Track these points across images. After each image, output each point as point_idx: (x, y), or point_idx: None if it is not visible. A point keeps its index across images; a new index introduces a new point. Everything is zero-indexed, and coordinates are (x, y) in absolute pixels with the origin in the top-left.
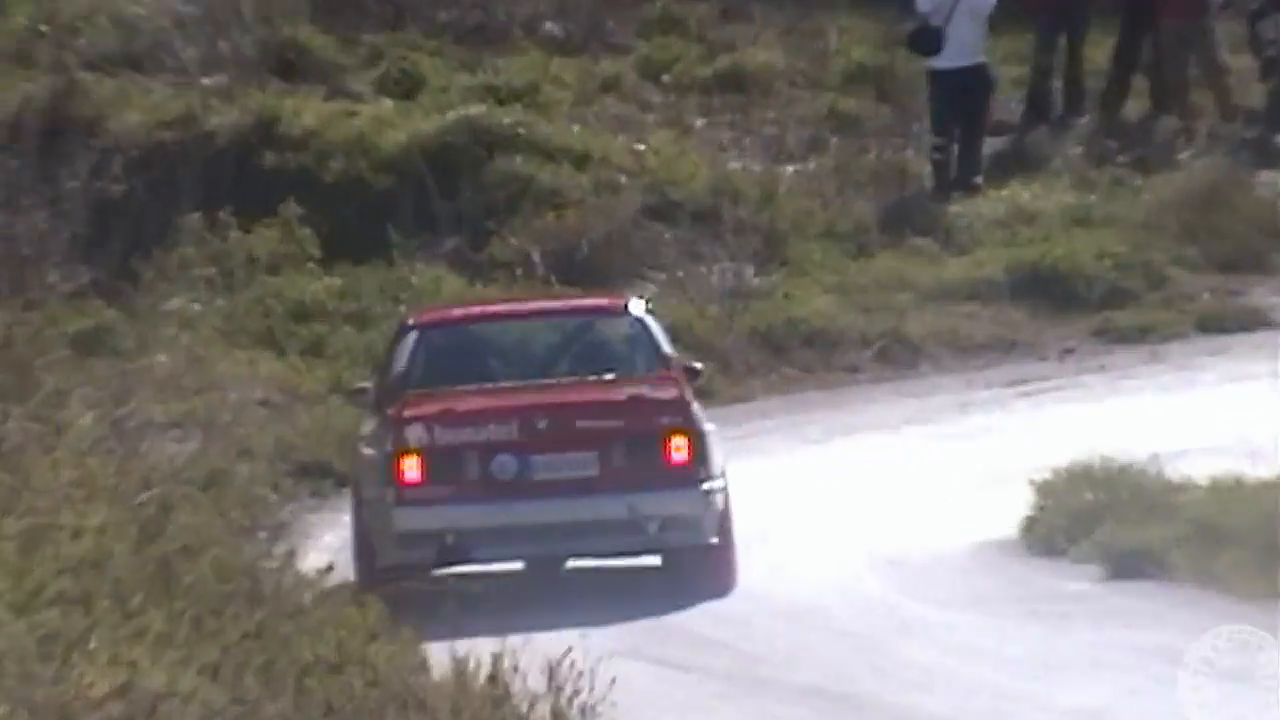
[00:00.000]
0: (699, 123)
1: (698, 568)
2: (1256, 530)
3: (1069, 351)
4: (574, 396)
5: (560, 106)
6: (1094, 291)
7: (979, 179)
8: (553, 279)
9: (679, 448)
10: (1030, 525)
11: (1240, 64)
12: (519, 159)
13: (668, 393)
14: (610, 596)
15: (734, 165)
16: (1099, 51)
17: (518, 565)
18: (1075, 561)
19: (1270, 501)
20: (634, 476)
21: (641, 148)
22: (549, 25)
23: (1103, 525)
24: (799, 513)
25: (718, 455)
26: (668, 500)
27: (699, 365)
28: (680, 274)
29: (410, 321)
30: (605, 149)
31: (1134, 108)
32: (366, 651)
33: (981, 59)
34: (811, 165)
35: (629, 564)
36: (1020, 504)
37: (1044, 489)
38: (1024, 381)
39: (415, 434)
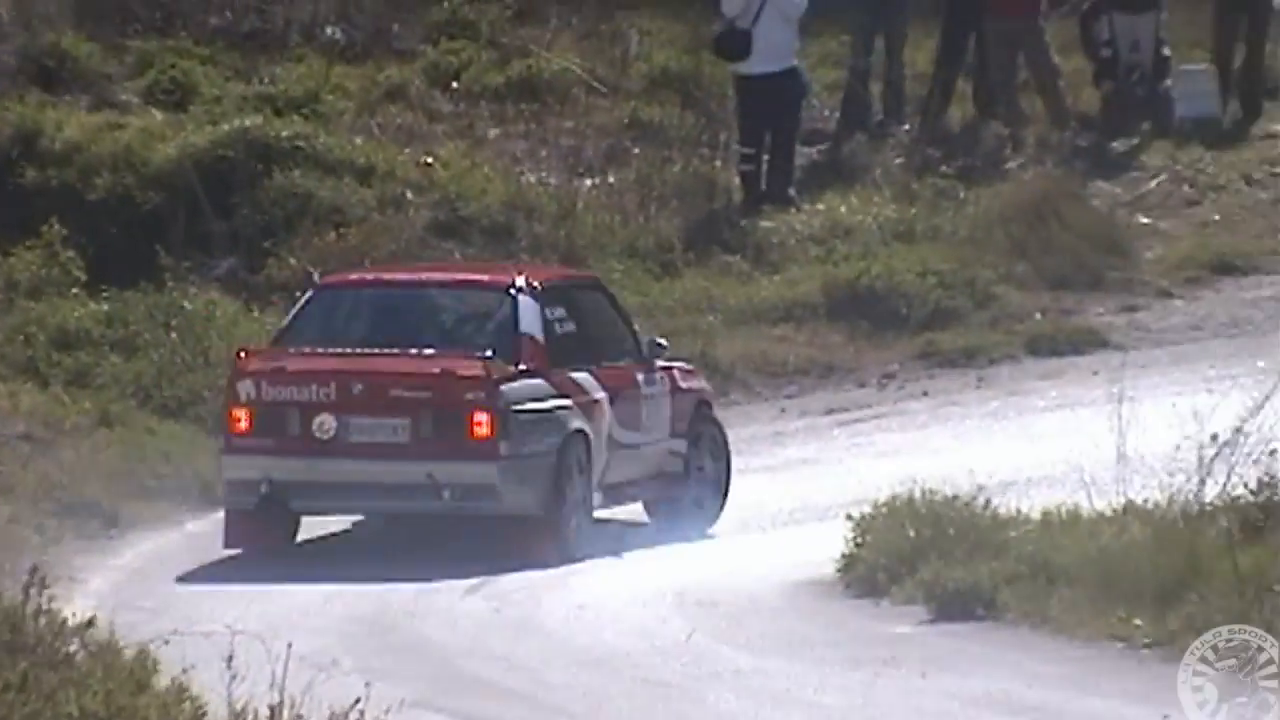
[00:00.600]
0: (492, 133)
1: (523, 536)
2: (1091, 567)
3: (889, 376)
4: (391, 366)
5: (342, 117)
6: (916, 312)
7: (792, 191)
8: None
9: (480, 422)
10: (849, 564)
11: (1072, 66)
12: (298, 173)
13: (476, 370)
14: (401, 637)
15: (529, 178)
16: (920, 54)
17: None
18: (897, 602)
19: (1106, 536)
20: (437, 445)
21: (430, 160)
22: (330, 30)
23: (927, 563)
24: (603, 551)
25: (544, 432)
26: (464, 470)
27: (662, 341)
28: None
29: (318, 282)
30: (391, 162)
31: (958, 114)
32: (136, 703)
33: (792, 63)
34: (612, 178)
35: (431, 604)
36: (838, 541)
37: (863, 525)
38: (842, 409)
39: (245, 389)
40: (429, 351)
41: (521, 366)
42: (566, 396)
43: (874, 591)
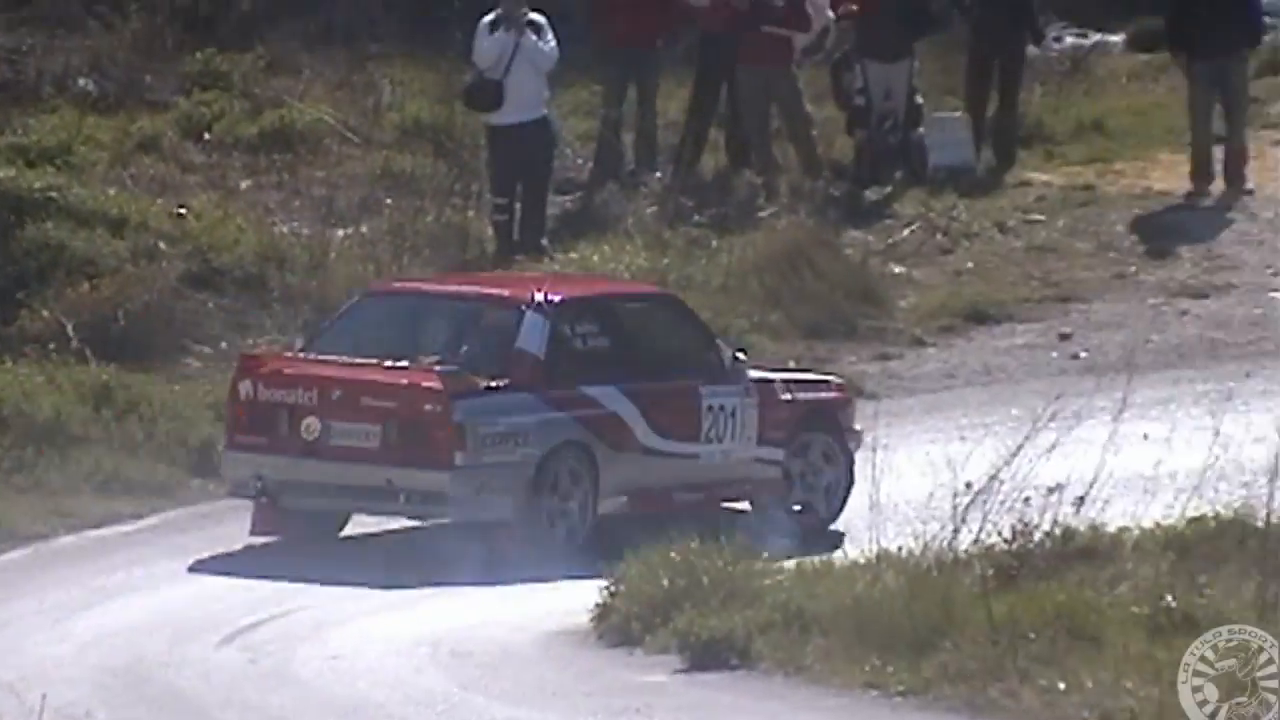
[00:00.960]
0: (244, 184)
1: (500, 542)
2: (845, 615)
3: None
4: (367, 376)
5: (95, 168)
6: None
7: (544, 241)
8: (88, 354)
9: (434, 433)
10: (603, 614)
11: (825, 115)
12: (50, 225)
13: (434, 384)
14: (155, 688)
15: (282, 229)
16: (672, 103)
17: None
18: (651, 652)
19: (860, 585)
20: (399, 453)
21: (183, 211)
22: (82, 82)
23: (680, 612)
24: (359, 600)
25: (516, 444)
26: (418, 477)
27: (739, 354)
28: (225, 346)
29: (365, 288)
30: (144, 213)
31: (711, 163)
32: None
33: (542, 113)
34: (365, 228)
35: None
36: (592, 590)
37: (617, 575)
38: None
39: (244, 389)
40: (402, 364)
41: (503, 382)
42: (564, 410)
43: (628, 641)
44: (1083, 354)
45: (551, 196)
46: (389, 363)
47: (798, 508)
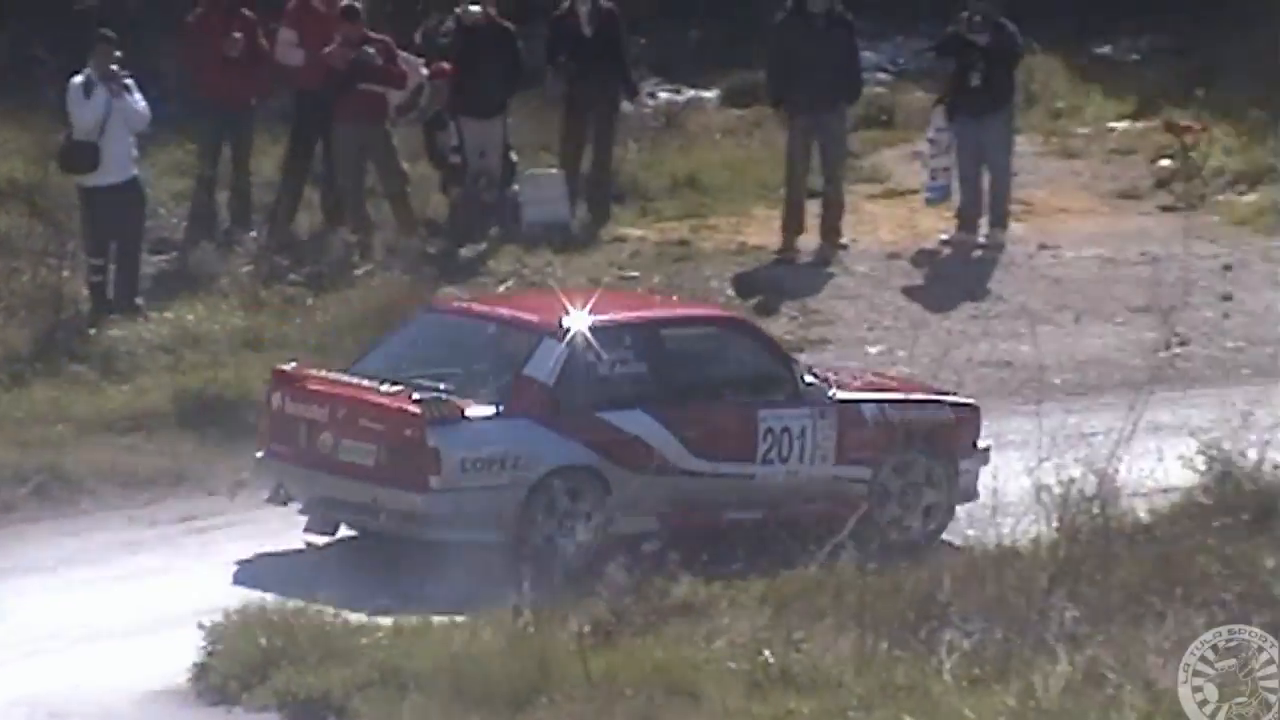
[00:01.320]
0: None
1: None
2: (443, 673)
3: (240, 484)
4: (368, 397)
5: None
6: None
7: (139, 300)
8: None
9: (412, 456)
10: (201, 672)
11: (419, 173)
12: None
13: (412, 409)
14: None
15: None
16: (267, 161)
17: None
18: (250, 710)
19: (457, 642)
20: (386, 472)
21: None
22: None
23: (279, 671)
24: None
25: (505, 468)
26: (398, 498)
27: (808, 378)
28: None
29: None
30: None
31: (306, 221)
32: None
33: (133, 173)
34: None
35: None
36: (191, 650)
37: (215, 633)
38: (194, 517)
39: (275, 400)
40: (396, 388)
41: (498, 407)
42: (571, 435)
43: (226, 700)
44: None
45: (147, 256)
46: (386, 386)
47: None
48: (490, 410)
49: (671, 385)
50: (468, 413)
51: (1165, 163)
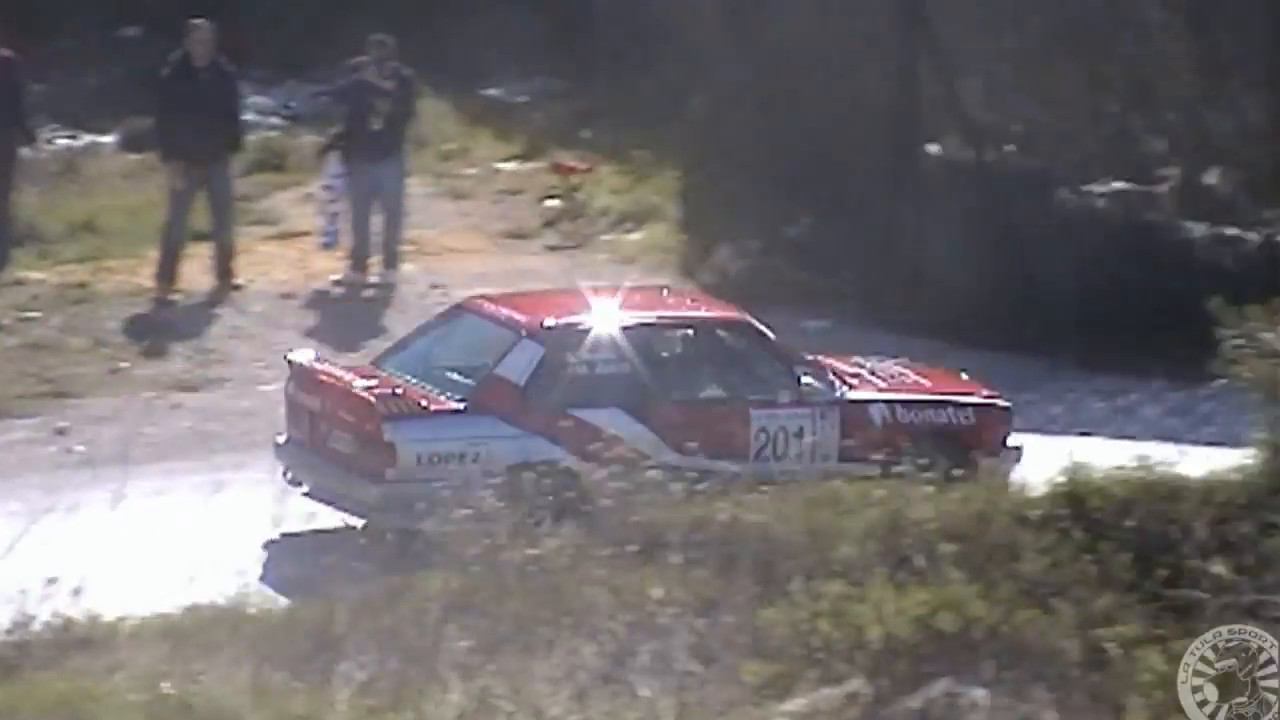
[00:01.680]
0: None
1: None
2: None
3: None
4: (349, 389)
5: None
6: None
7: None
8: None
9: (372, 447)
10: None
11: None
12: None
13: (371, 402)
14: None
15: None
16: None
17: None
18: None
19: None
20: (357, 463)
21: None
22: None
23: None
24: None
25: (468, 463)
26: (356, 485)
27: (805, 379)
28: None
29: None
30: None
31: None
32: None
33: None
34: None
35: None
36: None
37: None
38: None
39: (288, 389)
40: (370, 383)
41: (462, 405)
42: (539, 432)
43: None
44: (79, 448)
45: None
46: (360, 380)
47: None
48: (456, 406)
49: (658, 384)
50: (432, 408)
51: (552, 203)
